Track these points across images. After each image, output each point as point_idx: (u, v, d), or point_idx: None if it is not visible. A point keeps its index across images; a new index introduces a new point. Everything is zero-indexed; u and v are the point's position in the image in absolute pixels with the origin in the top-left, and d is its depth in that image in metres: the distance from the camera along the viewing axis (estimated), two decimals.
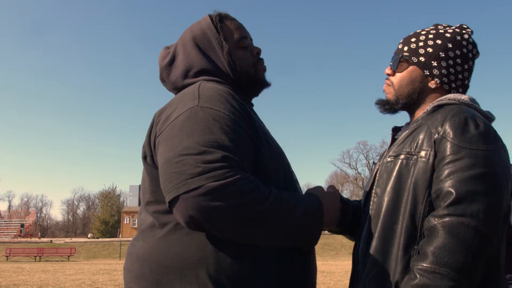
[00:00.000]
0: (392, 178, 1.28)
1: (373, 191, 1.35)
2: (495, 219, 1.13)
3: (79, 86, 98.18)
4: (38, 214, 70.23)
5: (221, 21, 1.45)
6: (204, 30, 1.43)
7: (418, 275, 1.11)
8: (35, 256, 32.74)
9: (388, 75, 1.47)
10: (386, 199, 1.28)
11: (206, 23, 1.44)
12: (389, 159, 1.33)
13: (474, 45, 1.42)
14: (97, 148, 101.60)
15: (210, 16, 1.46)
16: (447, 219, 1.12)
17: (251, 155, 1.21)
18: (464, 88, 1.42)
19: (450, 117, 1.23)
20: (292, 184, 1.34)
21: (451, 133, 1.21)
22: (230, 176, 1.08)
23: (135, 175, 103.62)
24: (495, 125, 1.34)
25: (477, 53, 1.44)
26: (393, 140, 1.44)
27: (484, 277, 1.14)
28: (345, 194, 66.22)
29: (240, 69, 1.41)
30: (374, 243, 1.27)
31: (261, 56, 1.49)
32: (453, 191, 1.14)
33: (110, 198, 63.03)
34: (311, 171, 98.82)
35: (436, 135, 1.23)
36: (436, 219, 1.14)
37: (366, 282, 1.27)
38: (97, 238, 51.32)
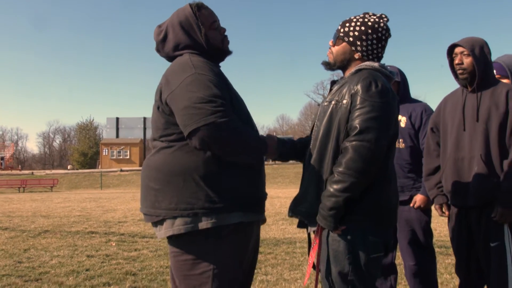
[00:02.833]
0: (327, 116, 1.91)
1: (315, 123, 1.97)
2: (381, 143, 1.77)
3: (55, 19, 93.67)
4: (15, 147, 69.53)
5: (198, 9, 2.00)
6: (187, 16, 1.99)
7: (335, 175, 1.79)
8: (19, 188, 33.01)
9: (330, 46, 2.09)
10: (322, 128, 1.90)
11: (188, 11, 1.99)
12: (326, 104, 1.96)
13: (387, 30, 2.00)
14: (70, 81, 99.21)
15: (190, 5, 2.01)
16: (353, 142, 1.76)
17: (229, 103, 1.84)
18: (378, 59, 2.02)
19: (361, 80, 1.84)
20: (250, 123, 1.98)
21: (360, 90, 1.82)
22: (227, 116, 1.72)
23: (111, 108, 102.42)
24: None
25: (389, 35, 2.02)
26: (331, 90, 2.05)
27: (376, 177, 1.82)
28: None
29: (213, 44, 2.00)
30: (314, 155, 1.92)
31: (225, 34, 2.07)
32: (358, 126, 1.77)
33: (88, 130, 62.52)
34: (286, 103, 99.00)
35: (353, 91, 1.84)
36: (348, 143, 1.78)
37: (309, 178, 1.94)
38: (77, 169, 51.59)
